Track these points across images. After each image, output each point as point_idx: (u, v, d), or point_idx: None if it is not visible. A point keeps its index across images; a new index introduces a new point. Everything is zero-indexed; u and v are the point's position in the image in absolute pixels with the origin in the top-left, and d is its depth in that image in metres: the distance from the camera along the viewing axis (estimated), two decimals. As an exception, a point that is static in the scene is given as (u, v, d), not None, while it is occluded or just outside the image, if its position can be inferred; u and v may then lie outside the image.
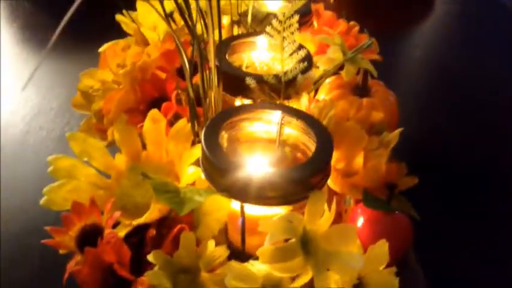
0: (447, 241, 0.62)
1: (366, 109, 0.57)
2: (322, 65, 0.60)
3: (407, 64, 1.09)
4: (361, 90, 0.63)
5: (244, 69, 0.62)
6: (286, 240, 0.41)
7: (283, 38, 0.51)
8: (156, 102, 0.60)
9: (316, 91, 0.67)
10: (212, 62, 0.49)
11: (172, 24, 0.67)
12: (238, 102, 0.58)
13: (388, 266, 0.42)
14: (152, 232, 0.48)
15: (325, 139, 0.46)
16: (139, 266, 0.46)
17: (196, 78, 0.55)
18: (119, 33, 0.72)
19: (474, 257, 0.61)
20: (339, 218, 0.54)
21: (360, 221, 0.49)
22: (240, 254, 0.49)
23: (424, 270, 0.54)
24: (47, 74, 0.98)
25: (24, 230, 0.63)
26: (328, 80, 0.65)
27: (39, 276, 0.58)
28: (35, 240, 0.61)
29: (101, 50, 0.69)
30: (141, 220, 0.46)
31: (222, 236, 0.50)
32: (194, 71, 0.53)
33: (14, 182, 0.71)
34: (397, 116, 0.64)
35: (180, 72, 0.63)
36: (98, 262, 0.43)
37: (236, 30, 0.69)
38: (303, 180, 0.43)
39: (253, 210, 0.46)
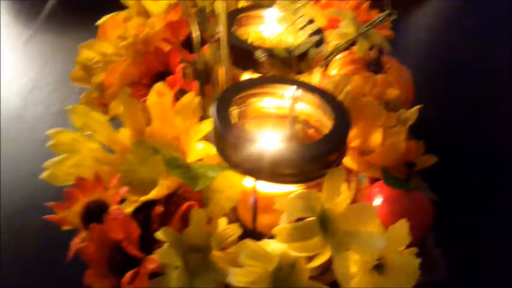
0: (464, 221, 0.60)
1: (380, 86, 0.55)
2: (334, 39, 0.58)
3: (413, 43, 1.07)
4: (374, 66, 0.61)
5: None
6: (299, 220, 0.39)
7: (296, 9, 0.49)
8: (160, 76, 0.57)
9: (326, 67, 0.65)
10: (223, 34, 0.46)
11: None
12: (245, 77, 0.56)
13: (408, 246, 0.41)
14: (159, 209, 0.46)
15: (342, 115, 0.44)
16: (145, 243, 0.44)
17: (202, 52, 0.53)
18: (114, 6, 0.69)
19: (491, 236, 0.60)
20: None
21: (378, 201, 0.48)
22: (250, 232, 0.47)
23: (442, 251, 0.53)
24: (41, 48, 0.95)
25: (21, 206, 0.61)
26: (339, 56, 0.63)
27: (37, 254, 0.56)
28: (33, 217, 0.59)
29: (99, 22, 0.67)
30: (149, 196, 0.44)
31: (232, 214, 0.48)
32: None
33: (10, 158, 0.69)
34: (412, 93, 0.62)
35: (185, 45, 0.60)
36: (104, 239, 0.41)
37: (241, 3, 0.66)
38: (320, 157, 0.41)
39: (264, 187, 0.45)
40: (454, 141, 0.74)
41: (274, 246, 0.39)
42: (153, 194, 0.44)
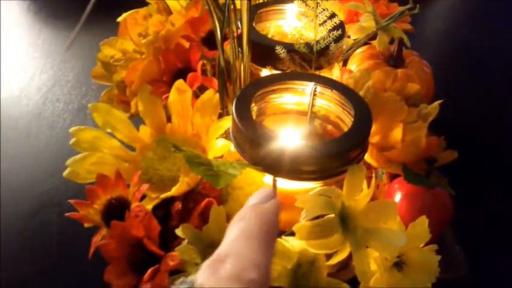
0: (483, 217, 0.59)
1: (401, 80, 0.55)
2: (353, 34, 0.58)
3: (431, 36, 1.06)
4: (395, 60, 0.60)
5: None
6: (318, 217, 0.39)
7: (317, 4, 0.49)
8: (180, 73, 0.57)
9: (345, 62, 0.65)
10: (244, 30, 0.46)
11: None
12: (264, 73, 0.55)
13: (428, 243, 0.40)
14: (178, 206, 0.47)
15: (363, 111, 0.44)
16: (165, 240, 0.44)
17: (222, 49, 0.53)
18: (134, 3, 0.69)
19: (510, 232, 0.59)
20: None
21: (398, 197, 0.47)
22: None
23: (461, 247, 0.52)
24: (61, 45, 0.96)
25: (41, 204, 0.62)
26: (359, 50, 0.62)
27: (58, 251, 0.56)
28: (53, 214, 0.60)
29: (120, 19, 0.67)
30: (169, 193, 0.44)
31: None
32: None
33: (29, 155, 0.70)
34: (432, 87, 0.61)
35: (205, 42, 0.61)
36: (125, 237, 0.42)
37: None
38: (341, 154, 0.41)
39: (284, 184, 0.44)
40: (475, 136, 0.73)
41: (293, 243, 0.39)
42: (173, 191, 0.44)
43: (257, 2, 0.64)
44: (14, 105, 0.79)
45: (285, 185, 0.44)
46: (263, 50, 0.52)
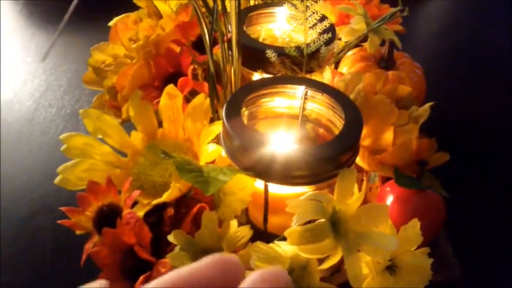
0: (476, 218, 0.59)
1: (392, 82, 0.55)
2: (344, 36, 0.58)
3: (423, 37, 1.06)
4: (386, 62, 0.60)
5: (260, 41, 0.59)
6: (309, 222, 0.39)
7: (306, 7, 0.49)
8: (171, 78, 0.57)
9: (337, 64, 0.64)
10: (234, 34, 0.46)
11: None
12: (256, 76, 0.55)
13: (420, 246, 0.40)
14: (170, 211, 0.46)
15: (353, 114, 0.44)
16: (157, 246, 0.44)
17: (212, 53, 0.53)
18: (127, 7, 0.69)
19: (503, 234, 0.59)
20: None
21: (390, 200, 0.47)
22: (262, 233, 0.47)
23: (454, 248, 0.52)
24: (54, 50, 0.96)
25: (34, 210, 0.61)
26: (350, 53, 0.62)
27: (52, 258, 0.56)
28: (46, 220, 0.60)
29: (111, 23, 0.67)
30: (161, 199, 0.44)
31: (243, 215, 0.48)
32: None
33: (22, 161, 0.69)
34: (424, 89, 0.61)
35: (195, 46, 0.60)
36: (117, 243, 0.42)
37: (252, 1, 0.66)
38: (332, 158, 0.41)
39: (275, 189, 0.44)
40: (467, 137, 0.73)
41: (285, 249, 0.39)
42: (165, 197, 0.44)
43: (248, 4, 0.64)
44: (6, 110, 0.79)
45: (276, 189, 0.44)
46: (253, 53, 0.52)
